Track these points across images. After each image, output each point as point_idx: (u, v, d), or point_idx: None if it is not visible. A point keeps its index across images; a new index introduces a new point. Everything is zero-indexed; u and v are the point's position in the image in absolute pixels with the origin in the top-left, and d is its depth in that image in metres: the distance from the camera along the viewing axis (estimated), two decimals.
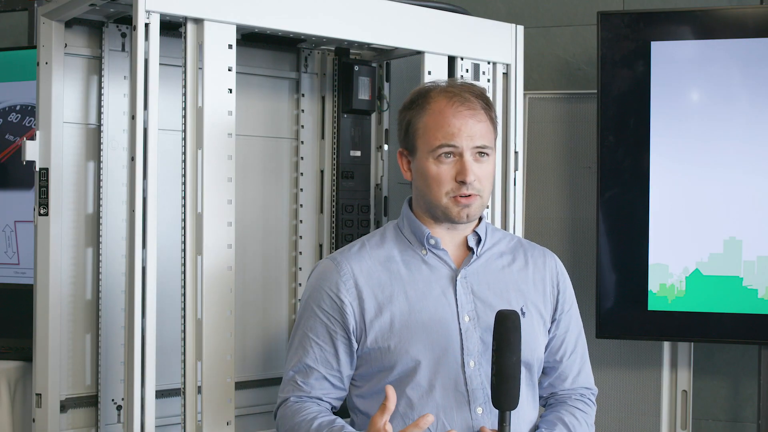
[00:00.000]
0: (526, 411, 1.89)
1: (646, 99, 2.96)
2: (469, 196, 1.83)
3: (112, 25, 2.37)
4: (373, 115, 2.75)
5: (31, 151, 2.30)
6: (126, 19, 2.33)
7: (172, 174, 2.19)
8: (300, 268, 2.68)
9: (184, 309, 2.09)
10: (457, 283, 1.87)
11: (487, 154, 1.86)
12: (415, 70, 2.51)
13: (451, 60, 2.53)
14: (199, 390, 2.09)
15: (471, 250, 1.92)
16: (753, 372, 3.17)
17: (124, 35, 2.40)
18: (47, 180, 2.30)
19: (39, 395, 2.30)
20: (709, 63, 2.94)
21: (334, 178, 2.67)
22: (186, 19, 2.09)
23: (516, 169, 2.66)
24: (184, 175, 2.10)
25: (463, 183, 1.82)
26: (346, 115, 2.66)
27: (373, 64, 2.71)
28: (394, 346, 1.82)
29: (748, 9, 3.05)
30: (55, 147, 2.31)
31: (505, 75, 2.65)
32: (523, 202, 2.76)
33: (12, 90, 3.31)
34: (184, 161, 2.10)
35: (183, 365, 2.09)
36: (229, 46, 2.14)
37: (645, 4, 3.42)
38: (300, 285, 2.67)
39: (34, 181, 2.32)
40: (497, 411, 1.70)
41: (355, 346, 1.86)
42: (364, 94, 2.63)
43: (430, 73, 2.45)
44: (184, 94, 2.11)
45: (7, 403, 2.61)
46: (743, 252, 2.91)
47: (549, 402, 2.01)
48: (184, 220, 2.10)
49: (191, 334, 2.09)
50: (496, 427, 1.74)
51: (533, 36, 3.39)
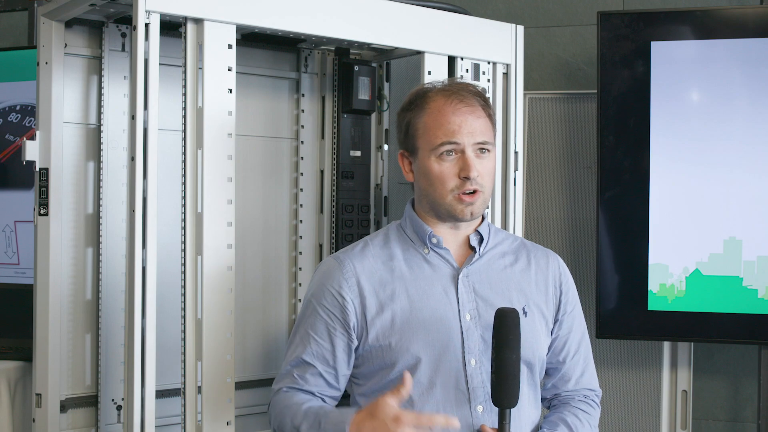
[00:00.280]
0: (528, 410, 1.89)
1: (646, 99, 2.95)
2: (473, 192, 1.84)
3: (112, 25, 2.37)
4: (373, 115, 2.75)
5: (31, 151, 2.30)
6: (126, 19, 2.33)
7: (172, 174, 2.19)
8: (300, 268, 2.68)
9: (184, 309, 2.09)
10: (458, 282, 1.87)
11: (488, 150, 1.86)
12: (415, 70, 2.51)
13: (451, 60, 2.53)
14: (199, 390, 2.09)
15: (473, 249, 1.92)
16: (753, 372, 3.17)
17: (124, 35, 2.40)
18: (47, 180, 2.30)
19: (39, 395, 2.30)
20: (709, 63, 2.93)
21: (334, 178, 2.67)
22: (186, 19, 2.09)
23: (516, 169, 2.66)
24: (184, 175, 2.10)
25: (466, 179, 1.82)
26: (346, 115, 2.66)
27: (373, 64, 2.71)
28: (395, 343, 1.82)
29: (748, 9, 3.05)
30: (55, 147, 2.31)
31: (505, 75, 2.65)
32: (523, 202, 2.76)
33: (12, 90, 3.31)
34: (184, 161, 2.10)
35: (183, 365, 2.09)
36: (229, 46, 2.14)
37: (645, 4, 3.42)
38: (300, 285, 2.67)
39: (34, 181, 2.32)
40: (497, 409, 1.70)
41: (354, 344, 1.86)
42: (364, 94, 2.63)
43: (430, 73, 2.45)
44: (184, 94, 2.11)
45: (7, 403, 2.61)
46: (743, 252, 2.91)
47: (552, 403, 2.01)
48: (184, 220, 2.10)
49: (191, 334, 2.09)
50: (496, 425, 1.74)
51: (533, 36, 3.39)
